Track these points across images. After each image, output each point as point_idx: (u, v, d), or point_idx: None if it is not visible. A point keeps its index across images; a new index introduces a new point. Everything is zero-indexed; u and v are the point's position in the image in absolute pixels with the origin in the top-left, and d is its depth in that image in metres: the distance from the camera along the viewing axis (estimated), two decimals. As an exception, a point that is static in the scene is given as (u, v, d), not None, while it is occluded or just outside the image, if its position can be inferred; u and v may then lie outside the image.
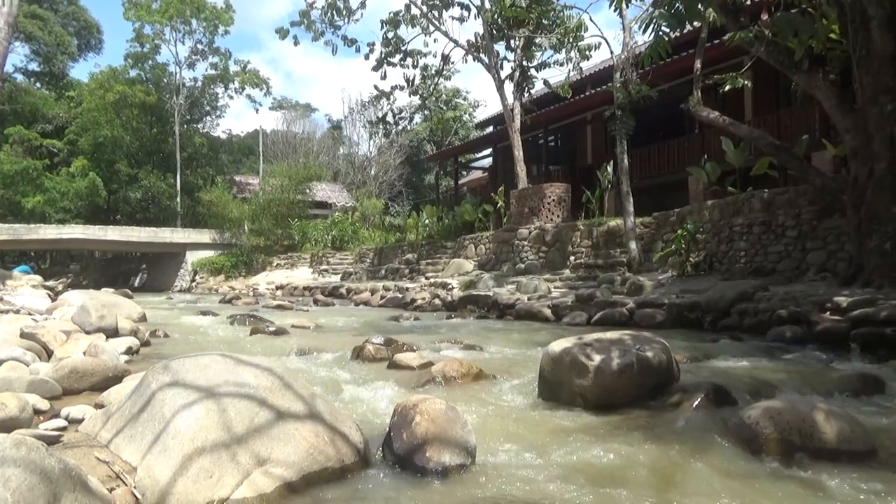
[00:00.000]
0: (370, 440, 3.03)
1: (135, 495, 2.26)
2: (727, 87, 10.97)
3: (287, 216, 32.22)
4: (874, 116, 7.87)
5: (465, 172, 36.43)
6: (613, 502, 2.39)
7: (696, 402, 4.10)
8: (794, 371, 5.39)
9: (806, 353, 6.30)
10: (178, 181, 41.35)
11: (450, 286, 14.77)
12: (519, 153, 18.99)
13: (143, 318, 8.89)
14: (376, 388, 4.44)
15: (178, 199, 41.29)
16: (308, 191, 33.64)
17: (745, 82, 11.25)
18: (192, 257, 33.31)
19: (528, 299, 11.44)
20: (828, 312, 6.99)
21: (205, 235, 34.08)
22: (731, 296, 8.53)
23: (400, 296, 14.96)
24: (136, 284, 35.42)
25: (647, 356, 4.31)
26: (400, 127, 44.08)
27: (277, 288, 23.28)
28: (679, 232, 11.90)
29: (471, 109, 43.55)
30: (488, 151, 28.16)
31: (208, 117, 48.20)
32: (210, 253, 33.16)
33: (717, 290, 9.06)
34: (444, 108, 41.69)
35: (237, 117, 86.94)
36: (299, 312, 12.89)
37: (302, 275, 26.92)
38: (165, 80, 43.39)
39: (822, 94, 8.83)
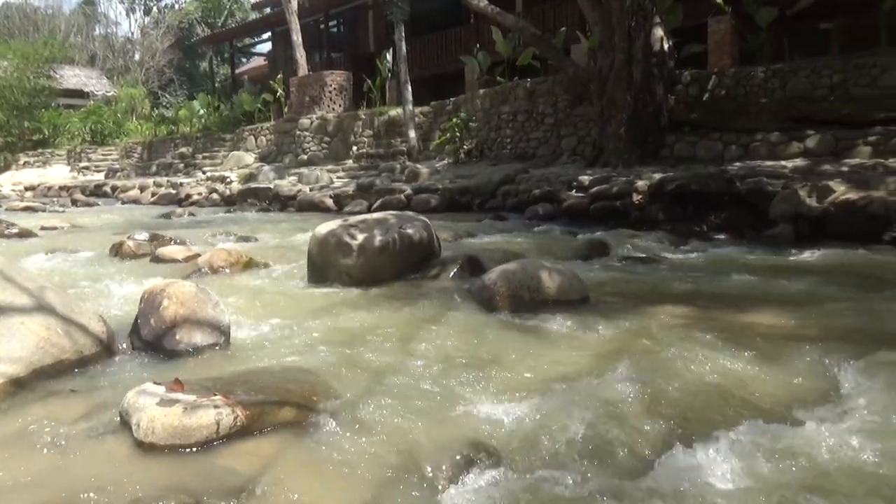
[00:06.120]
0: (119, 331, 2.93)
1: None
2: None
3: (31, 107, 27.73)
4: (616, 10, 8.66)
5: (244, 59, 33.84)
6: (358, 357, 2.60)
7: (452, 273, 4.51)
8: (541, 242, 6.11)
9: (554, 226, 7.12)
10: None
11: (228, 180, 14.11)
12: (297, 38, 18.04)
13: None
14: (132, 281, 4.22)
15: None
16: (54, 73, 29.01)
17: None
18: None
19: (311, 190, 11.35)
20: (574, 191, 7.90)
21: (-77, 130, 28.33)
22: (496, 179, 9.22)
23: (174, 192, 13.99)
24: None
25: (409, 233, 4.57)
26: (163, 3, 39.32)
27: (27, 189, 20.43)
28: (454, 120, 12.39)
29: (247, -12, 39.93)
30: (267, 36, 26.33)
31: None
32: (-68, 151, 27.77)
33: (485, 175, 9.73)
34: (217, -16, 37.76)
35: (-48, -16, 70.70)
36: (53, 214, 11.52)
37: (58, 173, 23.84)
38: None
39: (576, -12, 9.48)
